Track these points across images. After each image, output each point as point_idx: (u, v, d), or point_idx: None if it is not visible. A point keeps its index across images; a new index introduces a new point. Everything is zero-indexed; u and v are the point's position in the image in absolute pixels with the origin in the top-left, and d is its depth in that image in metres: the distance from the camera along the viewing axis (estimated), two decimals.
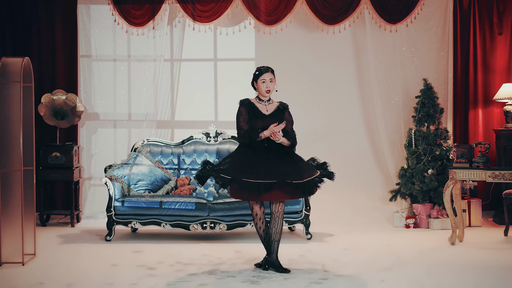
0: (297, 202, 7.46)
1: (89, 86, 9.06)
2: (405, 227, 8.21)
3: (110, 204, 7.47)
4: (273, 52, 9.27)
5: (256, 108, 6.08)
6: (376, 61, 8.90)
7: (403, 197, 8.52)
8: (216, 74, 9.45)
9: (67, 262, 6.45)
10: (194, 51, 9.39)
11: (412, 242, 7.36)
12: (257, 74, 6.11)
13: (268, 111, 6.08)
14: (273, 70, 6.16)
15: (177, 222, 7.43)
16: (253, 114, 6.04)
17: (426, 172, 8.24)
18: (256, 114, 6.04)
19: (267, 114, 6.06)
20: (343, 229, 8.05)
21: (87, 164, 9.10)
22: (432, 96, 8.39)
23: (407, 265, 6.27)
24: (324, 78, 9.34)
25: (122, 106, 9.16)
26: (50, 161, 8.47)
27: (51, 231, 8.11)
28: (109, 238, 7.48)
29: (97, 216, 8.85)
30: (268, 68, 6.12)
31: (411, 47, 8.92)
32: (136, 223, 7.47)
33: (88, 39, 9.03)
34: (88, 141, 9.11)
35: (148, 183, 7.81)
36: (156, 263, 6.37)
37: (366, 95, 9.26)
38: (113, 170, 7.74)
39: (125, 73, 9.16)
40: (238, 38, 9.27)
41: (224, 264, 6.35)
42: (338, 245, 7.17)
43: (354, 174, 9.22)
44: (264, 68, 6.11)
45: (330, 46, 9.27)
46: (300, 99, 9.22)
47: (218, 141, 8.32)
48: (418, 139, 8.35)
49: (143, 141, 8.32)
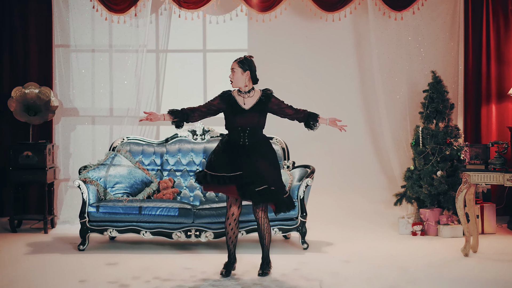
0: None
1: (65, 79, 8.29)
2: (411, 234, 7.48)
3: (84, 210, 6.72)
4: (267, 42, 8.63)
5: (235, 102, 5.70)
6: (380, 52, 8.21)
7: (409, 201, 7.79)
8: (205, 66, 8.74)
9: (30, 277, 5.69)
10: (181, 41, 8.70)
11: (420, 252, 6.62)
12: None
13: (246, 105, 5.70)
14: (243, 60, 5.79)
15: (158, 230, 6.68)
16: (233, 109, 5.68)
17: (435, 174, 7.50)
18: (236, 109, 5.67)
19: (247, 109, 5.68)
20: (342, 236, 7.32)
21: (64, 164, 8.34)
22: (441, 90, 7.67)
23: (415, 282, 5.51)
24: (322, 72, 8.67)
25: (103, 101, 8.41)
26: (21, 161, 7.70)
27: (21, 238, 7.35)
28: (82, 247, 6.72)
29: (73, 222, 8.07)
30: (238, 59, 5.80)
31: (418, 36, 8.21)
32: (113, 230, 6.72)
33: (65, 28, 8.27)
34: (65, 139, 8.34)
35: (127, 186, 7.05)
36: (131, 278, 5.61)
37: (368, 89, 8.58)
38: (88, 172, 6.98)
39: (106, 64, 8.41)
40: (229, 27, 8.56)
41: (208, 280, 5.59)
42: (338, 256, 6.42)
43: (355, 175, 8.58)
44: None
45: (328, 36, 8.60)
46: (297, 95, 8.48)
47: (206, 140, 7.55)
48: (426, 138, 7.61)
49: (122, 139, 7.55)
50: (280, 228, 6.72)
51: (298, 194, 6.73)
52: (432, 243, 7.05)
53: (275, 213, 5.72)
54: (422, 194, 7.53)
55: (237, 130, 5.68)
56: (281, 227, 6.72)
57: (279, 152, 7.38)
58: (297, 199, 6.73)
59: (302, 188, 6.74)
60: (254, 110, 5.67)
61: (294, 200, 6.54)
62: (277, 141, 7.48)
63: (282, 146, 7.45)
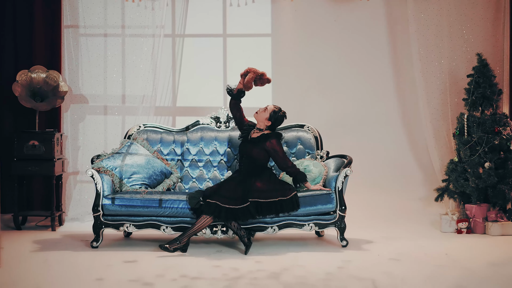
0: (329, 200, 6.02)
1: (75, 63, 7.62)
2: (456, 232, 6.81)
3: (98, 202, 6.02)
4: (293, 26, 8.18)
5: (249, 131, 6.29)
6: (418, 35, 7.70)
7: (452, 197, 7.14)
8: (225, 52, 8.21)
9: (38, 276, 4.99)
10: (199, 25, 8.19)
11: (473, 250, 5.96)
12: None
13: (252, 136, 6.25)
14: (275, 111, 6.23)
15: (180, 225, 5.97)
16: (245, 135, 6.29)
17: (482, 165, 6.85)
18: (245, 138, 6.28)
19: (249, 139, 6.24)
20: (381, 234, 6.64)
21: (73, 156, 7.66)
22: (488, 74, 7.06)
23: (482, 281, 4.81)
24: (353, 57, 8.20)
25: (115, 88, 7.73)
26: (27, 151, 7.01)
27: (27, 236, 6.65)
28: (95, 244, 6.02)
29: (83, 219, 7.41)
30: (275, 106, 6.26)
31: (461, 16, 7.67)
32: (130, 226, 6.02)
33: (75, 7, 7.62)
34: (74, 130, 7.66)
35: (145, 177, 6.35)
36: (155, 277, 4.90)
37: (403, 76, 8.11)
38: (102, 161, 6.28)
39: (119, 48, 7.75)
40: (252, 10, 8.04)
41: (242, 278, 4.88)
42: (385, 255, 5.70)
43: (389, 170, 8.14)
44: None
45: (360, 18, 8.14)
46: (324, 83, 8.20)
47: (230, 127, 6.86)
48: (472, 126, 6.97)
49: (139, 126, 6.86)
50: (316, 223, 6.04)
51: (336, 185, 6.05)
52: (482, 241, 6.38)
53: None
54: (468, 188, 6.87)
55: (239, 155, 6.33)
56: (317, 222, 6.04)
57: (311, 141, 6.72)
58: (335, 191, 6.05)
59: (341, 179, 6.06)
60: (253, 142, 6.16)
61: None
62: (309, 129, 6.80)
63: (315, 135, 6.77)
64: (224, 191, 5.86)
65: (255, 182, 5.96)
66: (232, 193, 5.84)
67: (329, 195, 6.03)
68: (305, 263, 5.39)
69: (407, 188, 7.99)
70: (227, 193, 5.83)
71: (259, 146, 6.08)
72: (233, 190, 5.87)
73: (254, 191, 5.88)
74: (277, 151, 6.05)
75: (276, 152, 6.06)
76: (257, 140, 6.12)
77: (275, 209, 5.89)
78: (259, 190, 5.90)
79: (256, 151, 6.09)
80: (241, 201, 5.81)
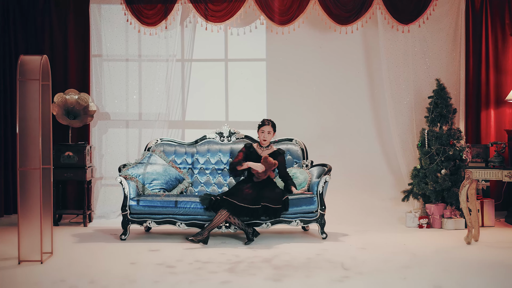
0: (311, 202, 7.47)
1: (101, 86, 9.03)
2: (418, 227, 8.21)
3: (126, 203, 7.47)
4: (284, 52, 9.29)
5: (255, 151, 7.71)
6: (389, 62, 8.84)
7: (416, 197, 8.51)
8: (227, 74, 9.40)
9: (86, 260, 6.45)
10: (205, 51, 9.34)
11: (427, 241, 7.37)
12: (260, 125, 7.73)
13: (263, 154, 7.63)
14: (274, 124, 7.75)
15: (192, 222, 7.43)
16: (251, 156, 7.65)
17: (439, 172, 8.24)
18: (253, 156, 7.66)
19: (262, 156, 7.56)
20: (356, 229, 8.04)
21: (98, 164, 9.08)
22: (445, 96, 8.39)
23: (425, 263, 6.29)
24: (335, 79, 9.33)
25: (134, 106, 9.12)
26: (63, 160, 8.46)
27: (65, 230, 8.10)
28: (124, 237, 7.47)
29: (108, 216, 8.83)
30: (269, 122, 7.71)
31: (423, 47, 8.89)
32: (151, 222, 7.47)
33: (100, 39, 9.01)
34: (99, 141, 9.09)
35: (163, 182, 7.80)
36: (175, 261, 6.38)
37: (376, 96, 9.23)
38: (128, 169, 7.73)
39: (136, 73, 9.11)
40: (249, 38, 9.20)
41: (242, 262, 6.35)
42: (354, 245, 7.17)
43: (365, 175, 9.25)
44: (267, 121, 7.71)
45: (341, 46, 9.25)
46: (310, 100, 9.29)
47: (232, 141, 8.32)
48: (431, 139, 8.34)
49: (156, 140, 8.32)
50: (301, 220, 7.48)
51: (318, 190, 7.49)
52: (437, 234, 7.79)
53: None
54: (427, 190, 8.26)
55: (250, 171, 7.52)
56: (302, 219, 7.48)
57: (298, 152, 8.16)
58: (317, 194, 7.49)
59: (321, 184, 7.50)
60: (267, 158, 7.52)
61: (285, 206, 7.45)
62: (297, 142, 8.25)
63: (301, 147, 8.22)
64: (239, 193, 7.24)
65: (265, 190, 7.32)
66: (246, 196, 7.20)
67: (312, 198, 7.48)
68: (291, 251, 6.83)
69: (379, 189, 9.16)
70: (241, 195, 7.21)
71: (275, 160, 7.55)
72: (247, 193, 7.25)
73: (265, 197, 7.21)
74: (284, 164, 7.70)
75: (283, 165, 7.68)
76: (271, 156, 7.60)
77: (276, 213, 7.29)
78: (269, 197, 7.21)
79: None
80: (253, 202, 7.15)
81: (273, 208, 7.19)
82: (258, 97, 9.37)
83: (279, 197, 7.32)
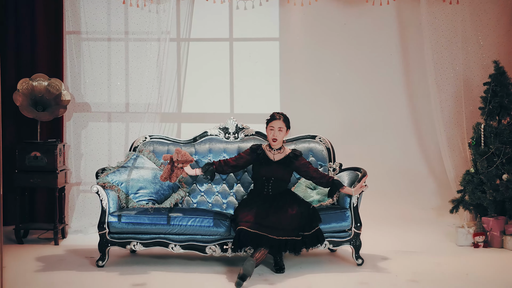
0: (343, 217, 5.82)
1: (77, 70, 7.38)
2: (472, 246, 6.64)
3: (103, 220, 5.80)
4: (301, 30, 8.18)
5: (264, 154, 6.00)
6: (432, 41, 7.52)
7: (467, 208, 7.00)
8: (232, 56, 8.10)
9: None
10: (205, 28, 8.10)
11: (492, 266, 5.86)
12: (268, 120, 6.01)
13: (275, 158, 5.97)
14: (287, 118, 6.01)
15: (190, 244, 5.78)
16: (261, 160, 5.97)
17: (500, 177, 6.68)
18: (264, 160, 5.96)
19: (274, 161, 5.95)
20: (396, 249, 6.47)
21: (76, 166, 7.44)
22: (505, 83, 6.95)
23: None
24: (363, 63, 8.14)
25: (118, 95, 7.53)
26: (29, 162, 6.81)
27: (29, 251, 6.45)
28: (101, 263, 5.81)
29: (87, 231, 7.20)
30: (281, 116, 5.98)
31: (476, 22, 7.53)
32: (137, 244, 5.81)
33: (76, 12, 7.38)
34: (76, 138, 7.45)
35: (152, 192, 6.14)
36: None
37: (415, 83, 8.11)
38: (107, 175, 6.06)
39: (122, 54, 7.54)
40: (259, 13, 7.82)
41: None
42: (402, 275, 5.52)
43: (400, 179, 8.15)
44: (277, 115, 5.98)
45: (370, 22, 8.13)
46: (333, 88, 8.16)
47: (239, 138, 6.64)
48: (489, 136, 6.84)
49: (145, 138, 6.64)
50: (330, 241, 5.83)
51: (351, 202, 5.83)
52: (499, 256, 6.27)
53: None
54: (485, 200, 6.70)
55: (262, 180, 5.92)
56: (331, 239, 5.84)
57: (323, 153, 6.50)
58: (350, 207, 5.85)
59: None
60: (280, 163, 5.91)
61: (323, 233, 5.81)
62: (321, 140, 6.59)
63: (327, 146, 6.56)
64: (267, 221, 5.53)
65: (289, 210, 5.66)
66: (275, 223, 5.55)
67: (344, 213, 5.84)
68: (320, 285, 5.22)
69: (419, 197, 7.95)
70: (269, 223, 5.54)
71: (289, 166, 5.91)
72: (275, 219, 5.57)
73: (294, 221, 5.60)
74: (308, 165, 5.90)
75: (307, 167, 5.88)
76: (283, 161, 5.91)
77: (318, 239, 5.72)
78: (300, 220, 5.62)
79: (285, 172, 5.93)
80: (287, 232, 5.53)
81: (310, 235, 5.66)
82: (269, 84, 8.21)
83: (306, 211, 5.75)
